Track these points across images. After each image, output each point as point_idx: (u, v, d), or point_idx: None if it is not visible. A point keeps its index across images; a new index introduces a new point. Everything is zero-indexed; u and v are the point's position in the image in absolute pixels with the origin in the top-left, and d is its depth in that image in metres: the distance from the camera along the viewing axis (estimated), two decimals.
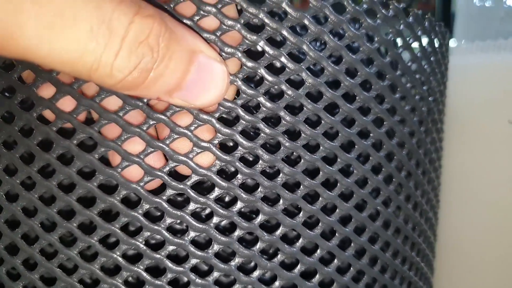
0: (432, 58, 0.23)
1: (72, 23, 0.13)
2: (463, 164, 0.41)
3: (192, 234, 0.18)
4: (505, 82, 0.41)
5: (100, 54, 0.13)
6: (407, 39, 0.21)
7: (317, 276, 0.19)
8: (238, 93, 0.18)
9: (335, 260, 0.20)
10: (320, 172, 0.19)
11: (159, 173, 0.17)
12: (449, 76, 0.43)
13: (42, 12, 0.12)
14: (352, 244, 0.20)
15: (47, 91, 0.18)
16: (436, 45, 0.24)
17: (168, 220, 0.18)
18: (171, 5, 0.17)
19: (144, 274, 0.18)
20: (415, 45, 0.22)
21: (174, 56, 0.15)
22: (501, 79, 0.41)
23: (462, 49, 0.49)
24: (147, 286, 0.18)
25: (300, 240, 0.19)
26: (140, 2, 0.14)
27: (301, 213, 0.19)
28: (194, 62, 0.16)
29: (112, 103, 0.17)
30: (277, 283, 0.19)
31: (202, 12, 0.17)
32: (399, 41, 0.21)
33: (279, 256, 0.19)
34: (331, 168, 0.19)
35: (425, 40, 0.23)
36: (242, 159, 0.18)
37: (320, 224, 0.19)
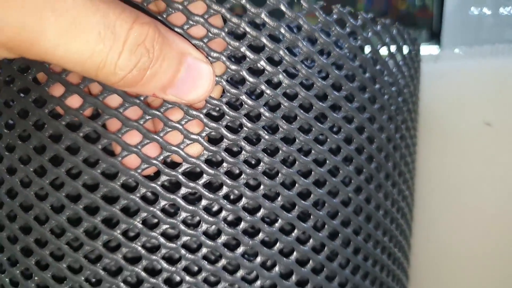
0: (400, 62, 0.26)
1: (84, 29, 0.15)
2: (444, 164, 0.43)
3: (183, 215, 0.21)
4: (481, 85, 0.43)
5: (106, 54, 0.16)
6: (375, 45, 0.24)
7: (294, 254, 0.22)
8: (223, 92, 0.21)
9: (311, 240, 0.22)
10: (296, 162, 0.22)
11: (154, 161, 0.20)
12: (432, 81, 0.45)
13: (60, 20, 0.15)
14: (326, 226, 0.23)
15: (57, 90, 0.20)
16: (405, 50, 0.27)
17: (162, 203, 0.20)
18: (164, 15, 0.19)
19: (142, 249, 0.21)
20: (384, 50, 0.25)
21: (166, 57, 0.18)
22: (479, 83, 0.44)
23: (447, 55, 0.51)
24: (143, 261, 0.21)
25: (279, 221, 0.22)
26: (138, 12, 0.17)
27: (279, 197, 0.21)
28: (183, 63, 0.18)
29: (114, 100, 0.20)
30: (258, 259, 0.21)
31: (191, 22, 0.19)
32: (367, 48, 0.23)
33: (260, 235, 0.21)
34: (306, 158, 0.22)
35: (393, 46, 0.25)
36: (227, 150, 0.21)
37: (296, 207, 0.22)
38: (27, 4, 0.14)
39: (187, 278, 0.21)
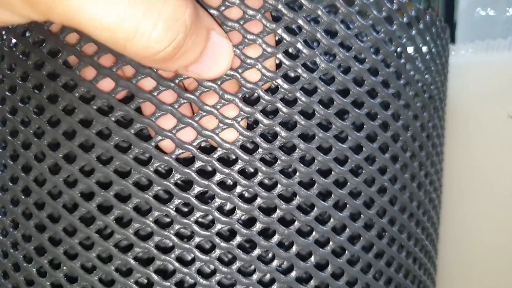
0: (433, 49, 0.26)
1: None
2: (467, 157, 0.43)
3: (218, 201, 0.20)
4: (505, 79, 0.42)
5: (138, 22, 0.14)
6: (410, 32, 0.23)
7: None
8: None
9: (347, 229, 0.22)
10: (332, 149, 0.21)
11: (189, 147, 0.20)
12: (455, 74, 0.45)
13: None
14: (362, 216, 0.22)
15: (89, 73, 0.20)
16: (436, 37, 0.26)
17: (197, 189, 0.20)
18: None
19: (174, 238, 0.20)
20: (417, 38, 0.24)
21: (198, 33, 0.17)
22: (501, 76, 0.43)
23: (461, 49, 0.50)
24: (177, 250, 0.20)
25: (315, 210, 0.21)
26: None
27: (315, 185, 0.21)
28: (210, 39, 0.17)
29: (147, 84, 0.19)
30: (294, 248, 0.21)
31: (227, 3, 0.19)
32: (402, 35, 0.23)
33: (296, 223, 0.21)
34: (342, 145, 0.21)
35: (424, 34, 0.25)
36: (262, 136, 0.20)
37: (332, 196, 0.21)
38: None
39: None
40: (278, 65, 0.20)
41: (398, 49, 0.22)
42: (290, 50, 0.20)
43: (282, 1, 0.19)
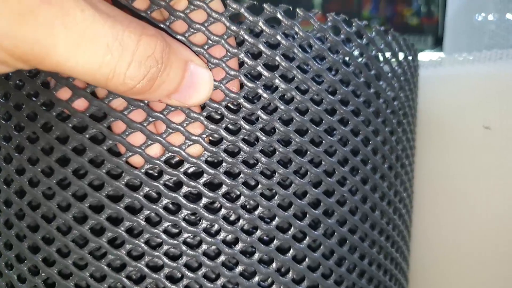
0: (395, 67, 0.27)
1: (93, 41, 0.16)
2: (446, 166, 0.44)
3: (184, 212, 0.22)
4: (482, 91, 0.44)
5: (115, 65, 0.17)
6: (370, 51, 0.25)
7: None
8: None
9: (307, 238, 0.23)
10: (292, 163, 0.22)
11: (157, 161, 0.21)
12: (435, 85, 0.46)
13: (70, 34, 0.16)
14: (321, 225, 0.24)
15: (65, 94, 0.21)
16: (401, 56, 0.28)
17: (165, 201, 0.21)
18: (167, 23, 0.20)
19: (144, 246, 0.22)
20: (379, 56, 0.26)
21: (173, 66, 0.19)
22: (479, 88, 0.44)
23: (448, 61, 0.51)
24: (146, 258, 0.22)
25: (276, 219, 0.22)
26: (144, 24, 0.18)
27: (276, 196, 0.22)
28: (187, 70, 0.19)
29: (119, 103, 0.21)
30: (256, 255, 0.22)
31: (192, 30, 0.20)
32: (363, 54, 0.24)
33: (257, 232, 0.22)
34: (301, 159, 0.23)
35: (388, 53, 0.26)
36: (226, 151, 0.22)
37: (292, 206, 0.23)
38: (40, 20, 0.15)
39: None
40: (241, 86, 0.22)
41: (357, 69, 0.24)
42: (251, 73, 0.22)
43: (244, 28, 0.21)
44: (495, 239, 0.42)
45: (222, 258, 0.22)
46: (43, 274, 0.23)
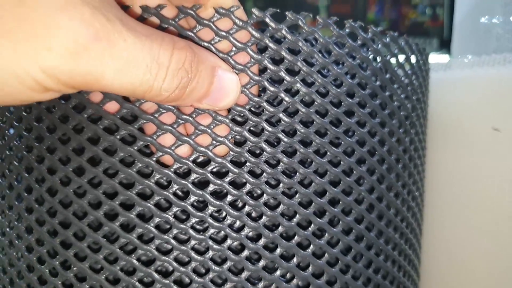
0: (408, 71, 0.28)
1: (135, 65, 0.18)
2: (455, 168, 0.45)
3: (211, 209, 0.23)
4: (491, 93, 0.45)
5: (153, 81, 0.19)
6: (385, 56, 0.26)
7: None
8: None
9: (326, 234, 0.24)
10: (313, 163, 0.24)
11: (186, 161, 0.22)
12: (444, 88, 0.47)
13: (116, 62, 0.17)
14: (340, 222, 0.25)
15: (96, 97, 0.23)
16: (413, 60, 0.29)
17: (192, 198, 0.23)
18: (194, 31, 0.22)
19: (173, 241, 0.23)
20: (393, 60, 0.27)
21: (202, 73, 0.20)
22: (488, 91, 0.45)
23: (456, 63, 0.52)
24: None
25: (297, 217, 0.24)
26: (174, 38, 0.19)
27: (297, 195, 0.24)
28: (215, 75, 0.21)
29: (149, 106, 0.22)
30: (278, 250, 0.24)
31: (217, 37, 0.22)
32: (378, 58, 0.26)
33: (280, 228, 0.23)
34: (321, 159, 0.24)
35: (401, 56, 0.27)
36: (250, 151, 0.23)
37: (312, 204, 0.24)
38: (92, 55, 0.17)
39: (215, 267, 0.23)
40: (263, 90, 0.23)
41: (373, 73, 0.25)
42: (273, 78, 0.23)
43: (267, 35, 0.22)
44: (504, 239, 0.43)
45: (246, 252, 0.23)
46: (75, 269, 0.24)
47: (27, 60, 0.17)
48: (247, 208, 0.23)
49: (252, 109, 0.23)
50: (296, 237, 0.24)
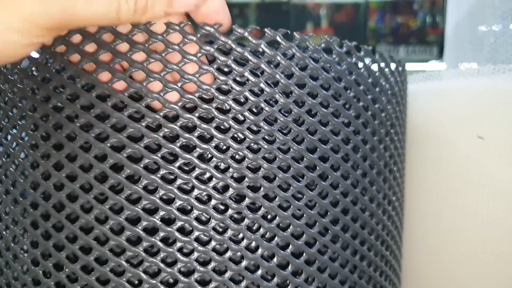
0: (383, 82, 0.30)
1: None
2: (442, 173, 0.46)
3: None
4: (478, 103, 0.46)
5: (118, 3, 0.22)
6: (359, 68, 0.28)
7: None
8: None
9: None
10: (291, 168, 0.26)
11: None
12: (433, 98, 0.48)
13: None
14: (317, 223, 0.27)
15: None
16: (387, 71, 0.31)
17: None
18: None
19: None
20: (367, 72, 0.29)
21: None
22: (475, 100, 0.47)
23: (447, 73, 0.53)
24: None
25: (277, 218, 0.26)
26: None
27: (277, 198, 0.25)
28: None
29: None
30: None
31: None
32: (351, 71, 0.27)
33: (260, 230, 0.25)
34: (299, 165, 0.26)
35: (374, 67, 0.29)
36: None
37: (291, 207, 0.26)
38: None
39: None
40: (246, 100, 0.25)
41: (347, 85, 0.27)
42: (253, 90, 0.25)
43: (248, 49, 0.24)
44: (487, 246, 0.44)
45: (229, 253, 0.25)
46: (97, 273, 0.25)
47: (7, 16, 0.20)
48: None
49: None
50: (276, 238, 0.26)
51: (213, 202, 0.25)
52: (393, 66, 0.31)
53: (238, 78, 0.25)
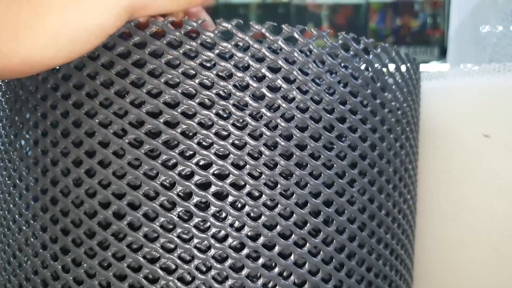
0: (399, 79, 0.30)
1: None
2: (450, 172, 0.47)
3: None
4: (483, 101, 0.46)
5: None
6: (376, 66, 0.28)
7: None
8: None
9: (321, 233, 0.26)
10: (308, 165, 0.25)
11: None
12: (438, 96, 0.49)
13: None
14: (334, 222, 0.26)
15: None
16: (403, 69, 0.31)
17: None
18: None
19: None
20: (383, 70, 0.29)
21: None
22: (480, 99, 0.47)
23: (452, 72, 0.54)
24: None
25: (294, 216, 0.25)
26: None
27: (294, 196, 0.25)
28: None
29: None
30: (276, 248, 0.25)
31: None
32: (369, 68, 0.27)
33: (277, 227, 0.25)
34: (316, 162, 0.25)
35: (391, 66, 0.29)
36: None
37: (308, 205, 0.26)
38: None
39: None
40: (262, 97, 0.25)
41: (364, 82, 0.27)
42: (271, 85, 0.25)
43: (265, 46, 0.24)
44: (496, 242, 0.44)
45: (246, 251, 0.25)
46: (115, 269, 0.25)
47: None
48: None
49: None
50: (293, 236, 0.25)
51: (229, 199, 0.25)
52: (409, 64, 0.31)
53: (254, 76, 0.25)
